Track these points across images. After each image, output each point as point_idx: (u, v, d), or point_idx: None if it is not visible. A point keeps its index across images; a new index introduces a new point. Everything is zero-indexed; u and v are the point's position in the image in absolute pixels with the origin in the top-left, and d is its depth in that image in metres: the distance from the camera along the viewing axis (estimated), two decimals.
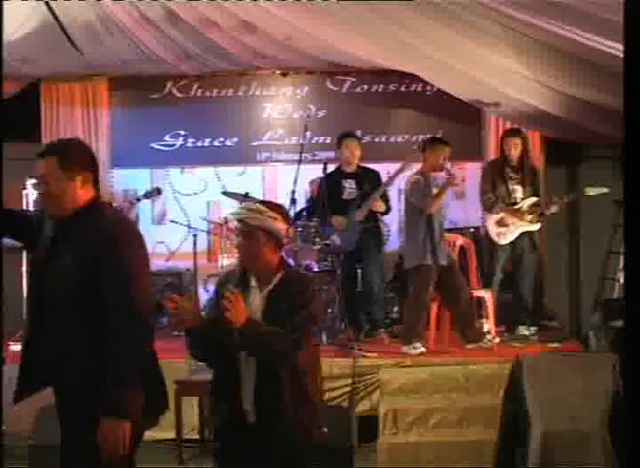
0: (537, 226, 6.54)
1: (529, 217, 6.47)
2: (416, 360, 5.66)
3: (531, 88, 6.48)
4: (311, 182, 7.34)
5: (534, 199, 6.54)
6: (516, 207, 6.46)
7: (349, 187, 6.52)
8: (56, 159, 2.83)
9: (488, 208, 6.61)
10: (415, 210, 5.98)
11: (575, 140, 7.54)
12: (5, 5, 4.00)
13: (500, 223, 6.49)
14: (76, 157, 2.86)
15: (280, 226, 3.00)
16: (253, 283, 3.03)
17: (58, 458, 2.89)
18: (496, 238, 6.49)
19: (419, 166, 6.14)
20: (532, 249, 6.59)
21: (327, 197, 6.24)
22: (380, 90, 7.85)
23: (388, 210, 6.64)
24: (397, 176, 6.51)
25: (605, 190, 6.52)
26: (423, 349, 5.84)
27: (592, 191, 6.54)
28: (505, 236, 6.48)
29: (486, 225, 6.70)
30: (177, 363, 5.13)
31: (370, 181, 6.48)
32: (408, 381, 5.45)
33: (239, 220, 3.01)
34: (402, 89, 7.81)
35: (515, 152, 6.53)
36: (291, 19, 5.96)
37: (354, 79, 7.82)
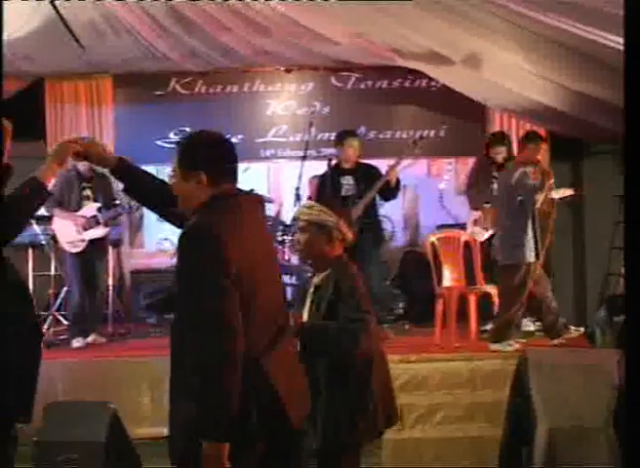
0: None
1: None
2: (419, 356, 5.64)
3: (536, 84, 6.46)
4: (311, 179, 7.34)
5: None
6: None
7: (347, 184, 6.47)
8: (177, 156, 2.63)
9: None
10: (518, 204, 5.68)
11: (579, 136, 7.52)
12: (7, 3, 4.00)
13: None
14: (189, 156, 2.61)
15: (327, 218, 3.15)
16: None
17: (62, 456, 2.90)
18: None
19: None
20: None
21: (325, 194, 6.22)
22: (384, 86, 7.85)
23: (397, 190, 6.42)
24: (391, 172, 6.48)
25: (570, 192, 6.46)
26: (517, 346, 5.76)
27: (557, 194, 6.32)
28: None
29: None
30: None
31: (368, 177, 6.41)
32: (412, 378, 5.45)
33: (297, 218, 3.27)
34: (406, 85, 7.81)
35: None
36: (294, 15, 5.95)
37: (359, 75, 7.82)
